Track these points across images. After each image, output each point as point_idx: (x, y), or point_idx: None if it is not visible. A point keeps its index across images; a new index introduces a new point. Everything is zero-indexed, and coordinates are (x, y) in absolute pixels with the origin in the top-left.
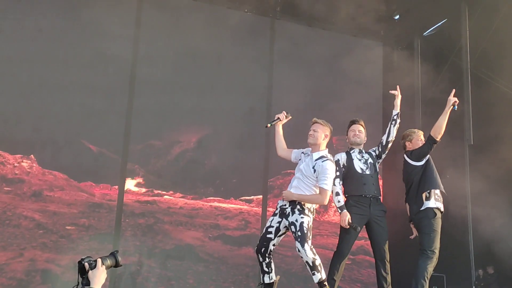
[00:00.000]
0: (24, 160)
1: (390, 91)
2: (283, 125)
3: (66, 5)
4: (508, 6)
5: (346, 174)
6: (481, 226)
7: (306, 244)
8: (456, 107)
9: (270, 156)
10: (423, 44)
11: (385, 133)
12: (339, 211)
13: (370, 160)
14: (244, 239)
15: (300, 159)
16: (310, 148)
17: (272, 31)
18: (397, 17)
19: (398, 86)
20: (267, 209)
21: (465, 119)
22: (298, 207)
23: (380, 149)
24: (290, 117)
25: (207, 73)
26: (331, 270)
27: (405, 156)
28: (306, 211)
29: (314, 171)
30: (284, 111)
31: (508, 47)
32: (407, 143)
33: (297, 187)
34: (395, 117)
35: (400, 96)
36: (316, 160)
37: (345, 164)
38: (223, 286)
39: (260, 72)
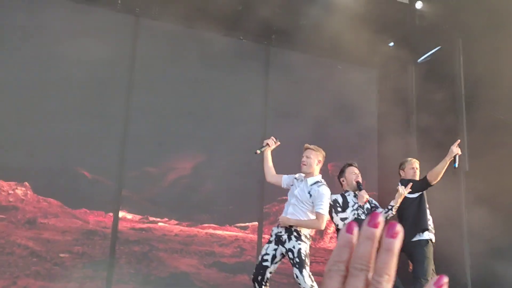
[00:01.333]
0: (18, 187)
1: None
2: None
3: (65, 30)
4: (501, 37)
5: None
6: (479, 252)
7: (304, 271)
8: (457, 164)
9: (266, 182)
10: (418, 71)
11: (377, 207)
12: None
13: (366, 204)
14: (239, 266)
15: (292, 185)
16: (302, 174)
17: (267, 58)
18: (391, 44)
19: (401, 187)
20: (263, 236)
21: (461, 146)
22: (295, 233)
23: (374, 210)
24: (279, 143)
25: (203, 100)
26: None
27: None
28: (303, 237)
29: (310, 196)
30: (272, 137)
31: (502, 77)
32: (400, 172)
33: (292, 214)
34: (390, 208)
35: (403, 194)
36: (311, 185)
37: (342, 206)
38: None
39: (256, 99)
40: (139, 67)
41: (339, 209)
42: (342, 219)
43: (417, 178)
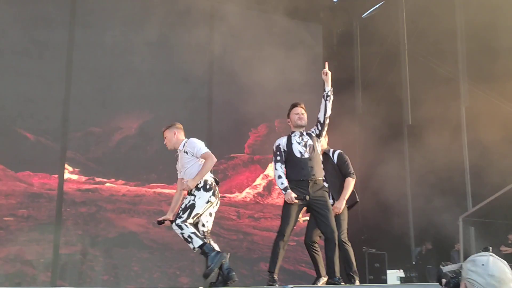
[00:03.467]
0: None
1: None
2: None
3: None
4: None
5: (287, 158)
6: (420, 204)
7: (177, 219)
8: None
9: (213, 140)
10: (362, 26)
11: (320, 111)
12: (284, 192)
13: (309, 141)
14: None
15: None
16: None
17: (210, 17)
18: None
19: (326, 63)
20: None
21: (403, 100)
22: (194, 189)
23: (319, 128)
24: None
25: (146, 59)
26: (274, 252)
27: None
28: (201, 190)
29: (186, 152)
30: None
31: (444, 29)
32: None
33: (190, 175)
34: (328, 93)
35: (329, 73)
36: (182, 148)
37: (285, 149)
38: (168, 272)
39: (200, 57)
40: (79, 27)
41: (278, 157)
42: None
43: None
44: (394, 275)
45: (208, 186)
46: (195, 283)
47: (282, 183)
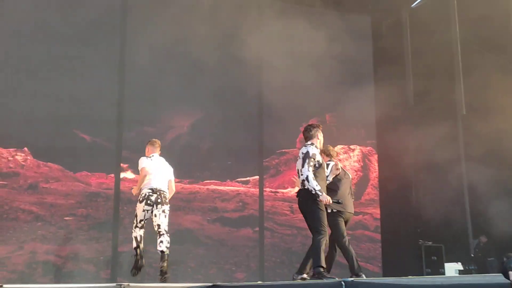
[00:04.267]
0: (18, 153)
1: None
2: None
3: None
4: None
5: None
6: (477, 195)
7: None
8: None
9: (264, 136)
10: (412, 16)
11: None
12: (320, 193)
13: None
14: (242, 220)
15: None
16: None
17: (258, 12)
18: None
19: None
20: (264, 189)
21: (456, 90)
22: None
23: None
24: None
25: (196, 58)
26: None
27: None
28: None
29: None
30: None
31: (497, 17)
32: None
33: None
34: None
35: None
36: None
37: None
38: (224, 268)
39: (249, 51)
40: (130, 28)
41: (312, 163)
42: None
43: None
44: (452, 268)
45: (140, 198)
46: (251, 278)
47: (317, 185)
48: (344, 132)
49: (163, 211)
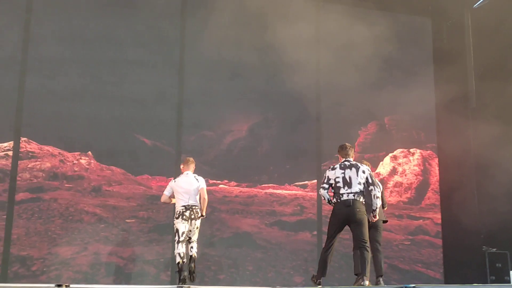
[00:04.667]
0: (82, 157)
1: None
2: None
3: (115, 2)
4: None
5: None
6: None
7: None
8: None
9: (322, 139)
10: (474, 17)
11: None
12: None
13: None
14: (300, 224)
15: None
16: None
17: (316, 15)
18: None
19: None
20: None
21: None
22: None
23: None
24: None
25: (255, 61)
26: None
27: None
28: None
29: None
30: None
31: None
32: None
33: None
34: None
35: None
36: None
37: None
38: (282, 272)
39: (307, 55)
40: (189, 28)
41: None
42: None
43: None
44: None
45: (176, 215)
46: (309, 283)
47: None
48: (403, 135)
49: (197, 227)
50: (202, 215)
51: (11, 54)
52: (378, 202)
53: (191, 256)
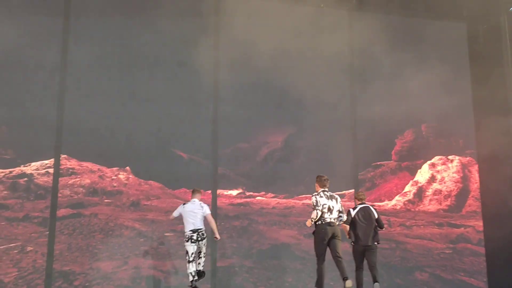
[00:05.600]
0: (120, 172)
1: None
2: None
3: (148, 18)
4: None
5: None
6: None
7: None
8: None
9: (359, 149)
10: (511, 20)
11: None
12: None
13: None
14: None
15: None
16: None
17: (349, 24)
18: None
19: None
20: None
21: None
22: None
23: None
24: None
25: (288, 72)
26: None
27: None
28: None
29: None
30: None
31: None
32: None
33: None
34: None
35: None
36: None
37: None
38: None
39: (341, 66)
40: (222, 47)
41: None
42: None
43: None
44: None
45: (186, 238)
46: None
47: None
48: (441, 142)
49: (204, 245)
50: (216, 238)
51: (50, 74)
52: (342, 220)
53: (200, 271)
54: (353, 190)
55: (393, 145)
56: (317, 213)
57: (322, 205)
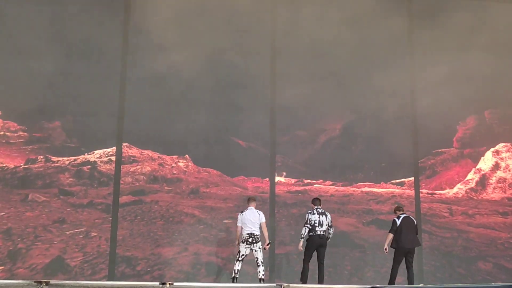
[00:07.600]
0: (180, 160)
1: None
2: None
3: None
4: None
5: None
6: None
7: None
8: None
9: (419, 136)
10: None
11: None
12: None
13: None
14: None
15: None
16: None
17: (409, 8)
18: None
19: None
20: (420, 190)
21: None
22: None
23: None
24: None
25: (347, 60)
26: None
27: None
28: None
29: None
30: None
31: None
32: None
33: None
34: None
35: None
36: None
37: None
38: (381, 272)
39: (400, 51)
40: (278, 34)
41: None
42: None
43: None
44: None
45: (242, 240)
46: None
47: None
48: (505, 129)
49: (259, 248)
50: (269, 243)
51: (111, 64)
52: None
53: (260, 279)
54: (413, 178)
55: (455, 132)
56: (304, 229)
57: (314, 221)
